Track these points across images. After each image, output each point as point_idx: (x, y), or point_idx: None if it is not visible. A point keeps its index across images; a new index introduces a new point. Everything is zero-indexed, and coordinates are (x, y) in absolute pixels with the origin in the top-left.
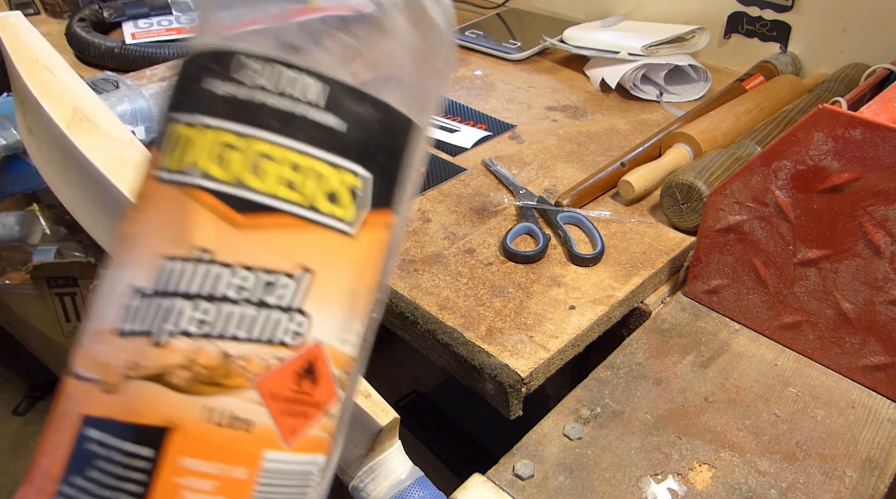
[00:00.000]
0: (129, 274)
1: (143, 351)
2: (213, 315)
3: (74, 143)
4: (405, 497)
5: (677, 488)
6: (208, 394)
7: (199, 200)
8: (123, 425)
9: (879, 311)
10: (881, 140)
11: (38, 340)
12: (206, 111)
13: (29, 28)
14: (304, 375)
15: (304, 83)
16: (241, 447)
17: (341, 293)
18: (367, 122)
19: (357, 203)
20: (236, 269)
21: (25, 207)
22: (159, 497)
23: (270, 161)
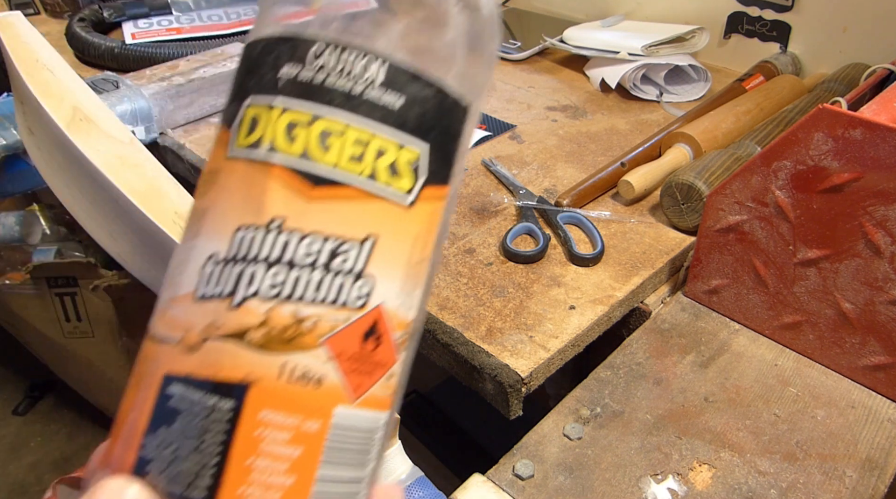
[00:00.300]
0: (205, 244)
1: (219, 313)
2: (284, 278)
3: (74, 143)
4: (405, 497)
5: (677, 488)
6: (282, 352)
7: (271, 173)
8: (205, 381)
9: (879, 311)
10: (881, 140)
11: (38, 340)
12: (273, 92)
13: (29, 28)
14: (369, 335)
15: (365, 64)
16: (313, 402)
17: (400, 260)
18: (422, 99)
19: (414, 176)
20: (305, 236)
21: (25, 207)
22: (241, 447)
23: (335, 136)
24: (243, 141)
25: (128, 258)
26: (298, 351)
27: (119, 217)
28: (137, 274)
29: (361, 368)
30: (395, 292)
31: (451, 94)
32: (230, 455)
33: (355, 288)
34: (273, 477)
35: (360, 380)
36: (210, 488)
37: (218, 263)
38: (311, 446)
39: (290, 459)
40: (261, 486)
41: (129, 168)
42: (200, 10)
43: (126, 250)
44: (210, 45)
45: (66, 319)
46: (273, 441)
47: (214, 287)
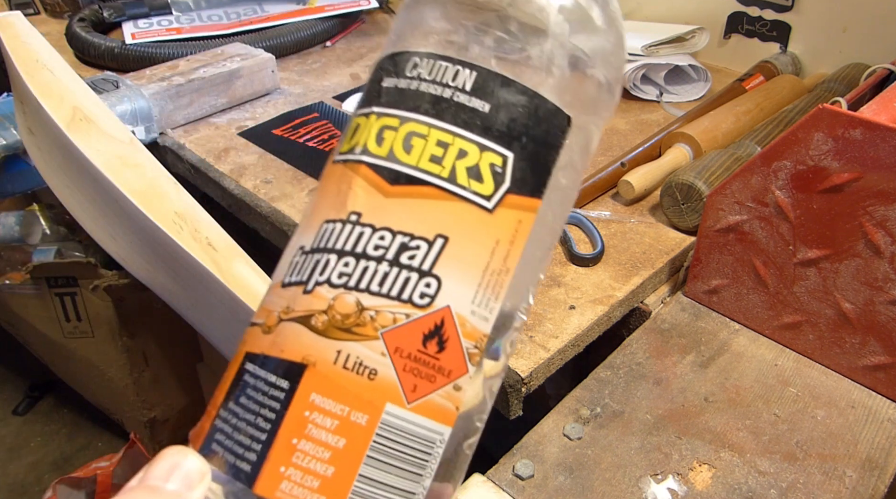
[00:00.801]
0: (301, 238)
1: (295, 297)
2: (352, 268)
3: (74, 143)
4: None
5: (677, 488)
6: (341, 338)
7: (359, 172)
8: (270, 358)
9: (879, 311)
10: (881, 140)
11: (38, 340)
12: (375, 102)
13: (29, 28)
14: (431, 336)
15: (455, 70)
16: (364, 393)
17: (474, 265)
18: (511, 105)
19: (496, 180)
20: (378, 230)
21: (25, 207)
22: (289, 426)
23: (420, 138)
24: (345, 147)
25: (128, 258)
26: (356, 340)
27: (119, 217)
28: (137, 274)
29: (420, 370)
30: (467, 298)
31: (547, 102)
32: (279, 433)
33: (420, 285)
34: (314, 463)
35: (417, 381)
36: (256, 461)
37: (304, 254)
38: (357, 439)
39: (333, 447)
40: (301, 469)
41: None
42: (200, 10)
43: (126, 250)
44: (210, 45)
45: (66, 319)
46: (320, 426)
47: (296, 275)
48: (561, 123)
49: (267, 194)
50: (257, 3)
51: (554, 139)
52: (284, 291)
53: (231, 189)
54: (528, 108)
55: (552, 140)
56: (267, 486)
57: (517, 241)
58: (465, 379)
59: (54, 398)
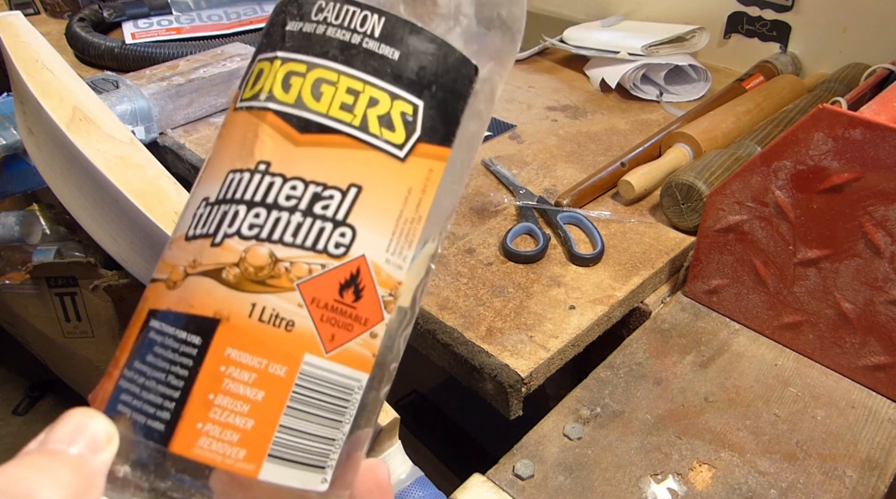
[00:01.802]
0: (204, 189)
1: (202, 250)
2: (264, 219)
3: (74, 143)
4: (405, 497)
5: (677, 488)
6: (255, 291)
7: (265, 119)
8: (179, 314)
9: (879, 311)
10: (881, 140)
11: (38, 340)
12: (278, 47)
13: (29, 28)
14: (347, 286)
15: (362, 16)
16: (281, 346)
17: (388, 213)
18: (420, 53)
19: (407, 129)
20: (289, 179)
21: (25, 207)
22: (203, 382)
23: (329, 85)
24: (247, 93)
25: (128, 258)
26: (271, 292)
27: (119, 217)
28: (137, 274)
29: (337, 319)
30: (381, 246)
31: (455, 51)
32: (193, 389)
33: (335, 235)
34: (233, 417)
35: (334, 331)
36: (170, 420)
37: (208, 205)
38: (276, 390)
39: (251, 401)
40: (219, 424)
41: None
42: (200, 10)
43: (126, 250)
44: (210, 45)
45: (66, 319)
46: (236, 380)
47: (202, 227)
48: (469, 73)
49: None
50: (257, 3)
51: (462, 89)
52: (189, 244)
53: None
54: (437, 56)
55: (460, 89)
56: (184, 443)
57: (428, 189)
58: (381, 326)
59: (54, 398)
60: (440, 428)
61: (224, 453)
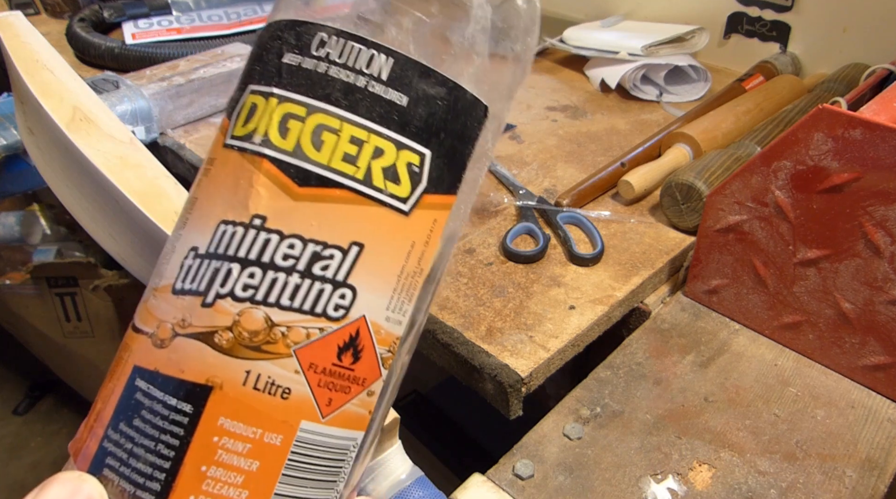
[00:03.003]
0: (190, 235)
1: (192, 309)
2: (259, 280)
3: (74, 143)
4: (405, 497)
5: (677, 488)
6: (250, 358)
7: (260, 167)
8: (168, 378)
9: (879, 311)
10: (881, 140)
11: (38, 340)
12: (274, 82)
13: (29, 28)
14: (346, 348)
15: (369, 55)
16: (277, 414)
17: (390, 271)
18: (430, 98)
19: (413, 181)
20: (286, 237)
21: (25, 207)
22: (195, 453)
23: (331, 133)
24: (239, 130)
25: (128, 258)
26: (267, 359)
27: (119, 217)
28: (137, 274)
29: (335, 383)
30: (382, 306)
31: (467, 93)
32: (185, 460)
33: (335, 297)
34: (226, 489)
35: (332, 395)
36: (160, 491)
37: (197, 258)
38: (271, 460)
39: (245, 472)
40: (213, 497)
41: (129, 168)
42: (200, 10)
43: (126, 250)
44: (210, 45)
45: (66, 319)
46: (230, 451)
47: (191, 282)
48: (478, 114)
49: None
50: (257, 3)
51: (471, 132)
52: (177, 299)
53: None
54: (448, 101)
55: (469, 133)
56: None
57: (432, 240)
58: (378, 383)
59: (54, 398)
60: (440, 428)
61: None
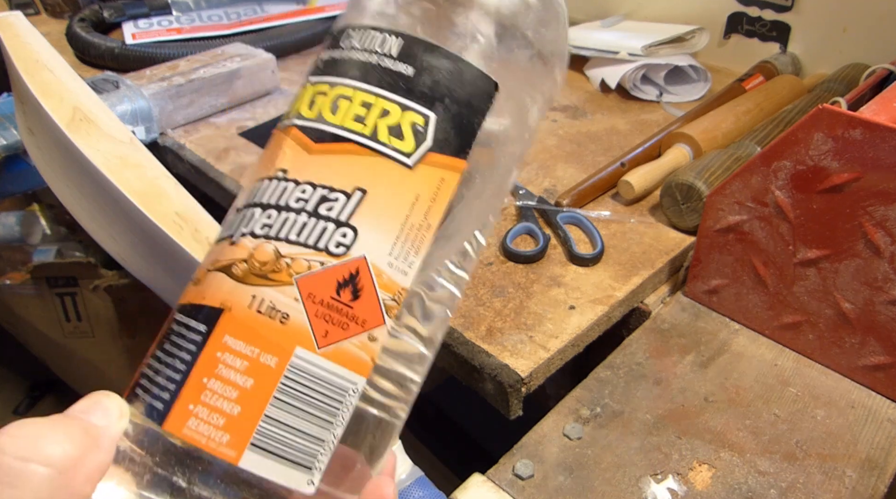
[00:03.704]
0: (238, 199)
1: (222, 249)
2: (274, 219)
3: (74, 143)
4: (405, 497)
5: (677, 488)
6: (257, 284)
7: (290, 134)
8: (194, 306)
9: (879, 311)
10: (881, 140)
11: (38, 340)
12: (314, 72)
13: (29, 28)
14: (345, 284)
15: (381, 38)
16: (274, 336)
17: (393, 218)
18: (434, 68)
19: (417, 139)
20: (301, 184)
21: (25, 207)
22: (201, 367)
23: (346, 100)
24: (285, 116)
25: (128, 258)
26: (271, 285)
27: (119, 217)
28: (137, 274)
29: (333, 316)
30: (384, 250)
31: (471, 67)
32: (191, 373)
33: (336, 235)
34: (221, 401)
35: (328, 328)
36: (168, 400)
37: (236, 212)
38: (264, 380)
39: (240, 387)
40: (209, 407)
41: (129, 168)
42: (200, 11)
43: (126, 250)
44: (210, 45)
45: (66, 319)
46: (229, 366)
47: (227, 230)
48: (487, 88)
49: None
50: (257, 4)
51: (479, 103)
52: (216, 246)
53: (231, 189)
54: (452, 71)
55: (477, 103)
56: (175, 423)
57: (440, 198)
58: (381, 330)
59: (54, 398)
60: (440, 428)
61: (209, 435)
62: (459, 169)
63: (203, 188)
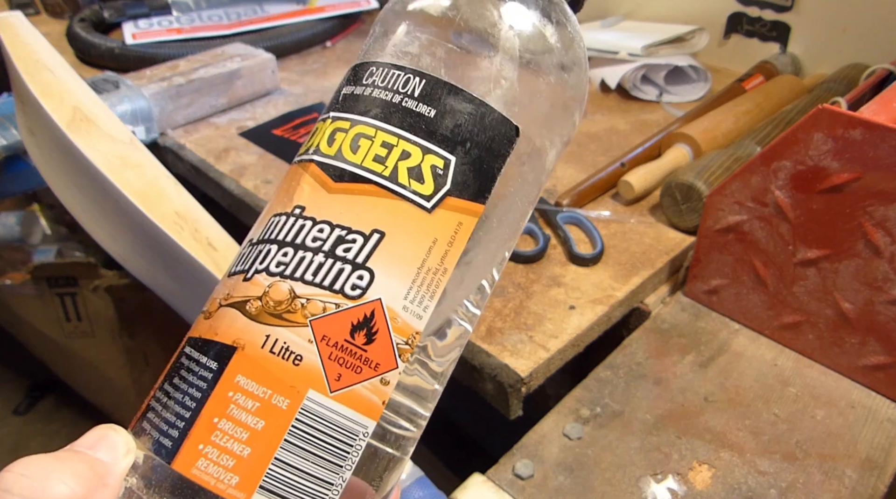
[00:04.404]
0: (252, 232)
1: (236, 284)
2: (290, 258)
3: (74, 143)
4: (405, 497)
5: (677, 488)
6: (272, 324)
7: (308, 170)
8: (206, 341)
9: (879, 311)
10: (881, 140)
11: (38, 340)
12: (333, 108)
13: (29, 28)
14: (360, 327)
15: (405, 78)
16: (287, 378)
17: (409, 261)
18: (457, 111)
19: (437, 182)
20: (318, 222)
21: (25, 207)
22: (212, 406)
23: (366, 139)
24: (302, 150)
25: (128, 258)
26: (286, 326)
27: (119, 217)
28: (137, 274)
29: (347, 359)
30: (400, 293)
31: (493, 111)
32: (202, 411)
33: (353, 277)
34: (232, 443)
35: (342, 371)
36: (178, 438)
37: (251, 245)
38: (276, 422)
39: (251, 429)
40: (219, 447)
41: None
42: (200, 11)
43: (126, 250)
44: (210, 46)
45: (66, 319)
46: (241, 407)
47: (240, 264)
48: (508, 133)
49: (267, 194)
50: (257, 4)
51: (499, 147)
52: (229, 279)
53: (231, 189)
54: (474, 115)
55: (497, 148)
56: (184, 462)
57: (457, 242)
58: (394, 374)
59: (55, 398)
60: (440, 428)
61: (218, 477)
62: (477, 213)
63: (203, 188)
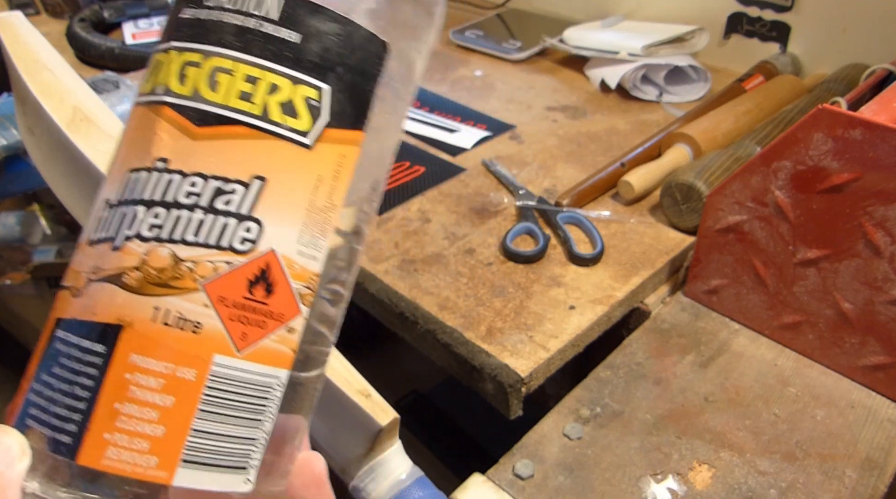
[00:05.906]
0: (106, 191)
1: (104, 255)
2: (164, 219)
3: (74, 143)
4: (405, 497)
5: (677, 488)
6: (158, 294)
7: (162, 114)
8: (82, 322)
9: (879, 311)
10: (881, 140)
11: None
12: (176, 37)
13: (29, 28)
14: (257, 282)
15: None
16: (188, 348)
17: (297, 204)
18: (323, 34)
19: (313, 115)
20: (188, 175)
21: (25, 207)
22: (109, 392)
23: (226, 74)
24: (144, 87)
25: None
26: (175, 294)
27: None
28: None
29: (249, 317)
30: (292, 239)
31: (363, 30)
32: (98, 400)
33: (240, 230)
34: (142, 425)
35: (246, 329)
36: (77, 432)
37: (110, 207)
38: (186, 395)
39: (160, 407)
40: (128, 433)
41: None
42: None
43: None
44: None
45: None
46: (143, 387)
47: (103, 231)
48: (378, 50)
49: None
50: None
51: (372, 68)
52: (92, 249)
53: None
54: (342, 36)
55: (370, 69)
56: (91, 455)
57: (342, 176)
58: (299, 320)
59: None
60: (440, 428)
61: (134, 462)
62: (358, 142)
63: None
